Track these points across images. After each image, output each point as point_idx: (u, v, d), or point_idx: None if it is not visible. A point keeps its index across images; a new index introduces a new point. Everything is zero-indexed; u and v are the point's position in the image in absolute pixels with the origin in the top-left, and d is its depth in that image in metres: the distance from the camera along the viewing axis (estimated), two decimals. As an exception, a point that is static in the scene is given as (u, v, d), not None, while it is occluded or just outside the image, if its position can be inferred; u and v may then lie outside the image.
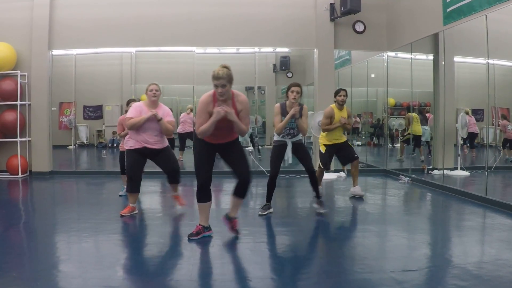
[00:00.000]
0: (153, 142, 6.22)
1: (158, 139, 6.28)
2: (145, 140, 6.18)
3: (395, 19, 10.51)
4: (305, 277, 4.02)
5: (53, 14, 10.38)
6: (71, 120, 12.74)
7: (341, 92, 7.58)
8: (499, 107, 8.45)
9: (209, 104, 4.88)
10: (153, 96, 6.31)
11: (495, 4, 6.85)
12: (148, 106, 6.28)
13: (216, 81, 4.79)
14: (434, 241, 5.31)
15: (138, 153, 6.24)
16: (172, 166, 6.53)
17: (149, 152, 6.27)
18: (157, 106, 6.36)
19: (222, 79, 4.78)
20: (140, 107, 6.24)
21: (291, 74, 15.21)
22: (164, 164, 6.48)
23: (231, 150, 5.12)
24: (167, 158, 6.46)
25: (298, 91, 6.27)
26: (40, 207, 7.58)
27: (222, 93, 4.80)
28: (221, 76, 4.78)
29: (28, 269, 4.13)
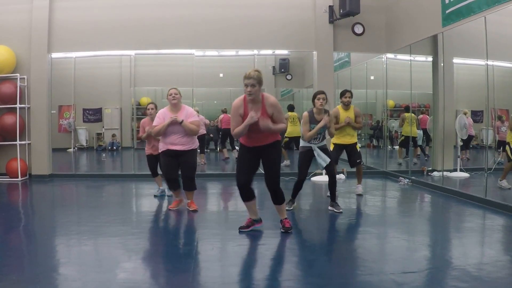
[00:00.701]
0: (177, 143, 6.53)
1: (183, 140, 6.56)
2: (172, 142, 6.54)
3: (394, 21, 10.52)
4: (304, 280, 4.02)
5: (52, 17, 10.39)
6: (70, 123, 12.73)
7: (346, 93, 7.86)
8: (498, 108, 8.45)
9: (240, 107, 5.18)
10: (172, 99, 6.62)
11: (494, 5, 6.86)
12: (171, 110, 6.62)
13: (247, 80, 5.07)
14: (434, 243, 5.31)
15: (167, 155, 6.63)
16: (187, 173, 6.71)
17: (174, 153, 6.57)
18: (180, 108, 6.67)
19: (252, 79, 5.05)
20: (163, 114, 6.63)
21: (291, 76, 15.19)
22: (182, 168, 6.71)
23: (266, 155, 5.37)
24: (186, 163, 6.68)
25: (324, 97, 6.64)
26: (40, 210, 7.58)
27: (251, 92, 5.06)
28: (252, 76, 5.06)
29: (27, 272, 4.13)
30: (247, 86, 5.06)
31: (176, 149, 6.52)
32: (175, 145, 6.52)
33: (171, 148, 6.53)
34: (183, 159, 6.61)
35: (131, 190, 9.40)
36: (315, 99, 6.65)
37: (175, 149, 6.52)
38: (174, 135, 6.50)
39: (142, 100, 16.38)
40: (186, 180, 6.73)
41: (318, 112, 6.66)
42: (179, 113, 6.55)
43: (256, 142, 5.27)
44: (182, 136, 6.52)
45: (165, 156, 6.65)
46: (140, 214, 7.16)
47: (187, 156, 6.63)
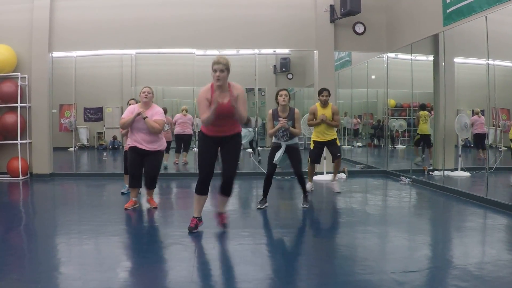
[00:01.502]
0: (144, 142, 6.62)
1: (149, 139, 6.64)
2: (137, 140, 6.63)
3: (395, 20, 10.51)
4: (305, 279, 4.02)
5: (53, 16, 10.39)
6: (71, 122, 12.74)
7: (324, 92, 8.07)
8: (499, 107, 8.44)
9: (207, 92, 5.17)
10: (144, 97, 6.71)
11: (495, 4, 6.85)
12: (141, 107, 6.70)
13: (216, 65, 5.09)
14: (434, 242, 5.31)
15: (134, 152, 6.71)
16: (151, 172, 6.82)
17: (140, 151, 6.65)
18: (150, 107, 6.74)
19: (221, 64, 5.09)
20: (133, 108, 6.70)
21: (291, 75, 15.21)
22: (146, 167, 6.78)
23: (229, 146, 5.31)
24: (151, 162, 6.78)
25: (287, 94, 6.79)
26: (41, 209, 7.58)
27: (219, 77, 5.07)
28: (220, 61, 5.11)
29: (28, 271, 4.13)
30: (216, 71, 5.06)
31: (142, 148, 6.61)
32: (141, 144, 6.61)
33: (138, 146, 6.62)
34: (148, 158, 6.72)
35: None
36: (278, 96, 6.85)
37: (141, 147, 6.61)
38: (141, 132, 6.58)
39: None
40: (148, 178, 6.83)
41: (282, 110, 6.84)
42: (148, 111, 6.65)
43: (220, 132, 5.23)
44: (148, 135, 6.60)
45: (131, 152, 6.75)
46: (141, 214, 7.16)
47: (152, 156, 6.73)
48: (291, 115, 6.78)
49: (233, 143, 5.35)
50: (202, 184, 5.32)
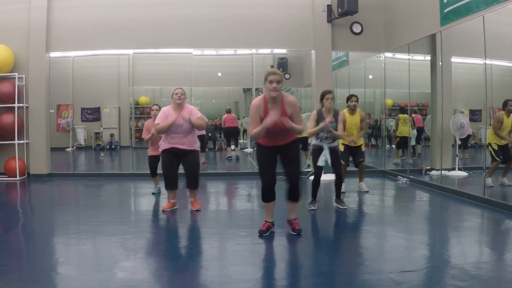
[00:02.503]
0: (182, 143, 6.58)
1: (187, 139, 6.60)
2: (175, 141, 6.56)
3: (392, 20, 10.52)
4: (303, 279, 4.03)
5: (51, 16, 10.38)
6: (69, 122, 12.73)
7: (352, 98, 8.01)
8: (497, 107, 8.46)
9: (260, 107, 5.05)
10: (178, 99, 6.61)
11: (492, 4, 6.87)
12: (174, 109, 6.63)
13: (272, 76, 4.92)
14: (432, 242, 5.32)
15: (170, 153, 6.63)
16: (193, 171, 6.73)
17: (178, 152, 6.59)
18: (183, 107, 6.64)
19: (278, 75, 4.94)
20: (167, 111, 6.62)
21: (289, 75, 15.20)
22: (187, 167, 6.71)
23: (287, 152, 5.28)
24: (191, 162, 6.71)
25: (333, 97, 6.75)
26: (39, 210, 7.57)
27: (276, 89, 4.93)
28: (277, 72, 4.97)
29: (26, 271, 4.13)
30: (272, 82, 4.91)
31: (180, 148, 6.56)
32: (179, 144, 6.56)
33: (176, 147, 6.55)
34: (187, 158, 6.65)
35: (130, 189, 9.39)
36: (324, 99, 6.77)
37: (179, 148, 6.56)
38: (177, 134, 6.53)
39: (140, 99, 16.42)
40: (190, 178, 6.75)
41: (327, 111, 6.78)
42: (182, 112, 6.57)
43: (276, 142, 5.19)
44: (186, 136, 6.56)
45: (166, 154, 6.66)
46: (139, 213, 7.16)
47: (190, 155, 6.67)
48: (335, 118, 6.75)
49: (292, 149, 5.32)
50: (267, 193, 5.35)
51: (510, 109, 8.06)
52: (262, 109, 5.04)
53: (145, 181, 9.91)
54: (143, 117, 16.55)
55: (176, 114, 6.54)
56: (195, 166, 6.75)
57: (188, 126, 6.54)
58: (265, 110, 5.02)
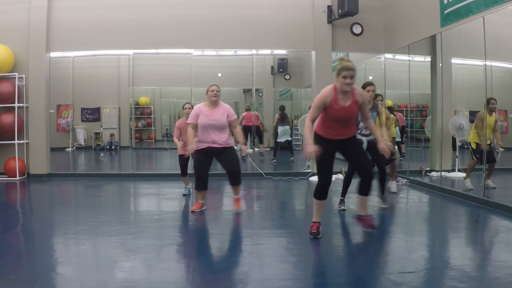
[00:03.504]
0: (218, 140, 6.45)
1: (222, 137, 6.47)
2: (210, 140, 6.42)
3: (392, 21, 10.52)
4: (302, 279, 4.02)
5: (51, 16, 10.38)
6: (69, 123, 12.73)
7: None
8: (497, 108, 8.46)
9: (329, 96, 4.95)
10: (213, 96, 6.51)
11: (492, 6, 6.87)
12: (208, 106, 6.53)
13: (347, 71, 4.87)
14: (432, 243, 5.32)
15: (204, 153, 6.49)
16: (235, 166, 6.60)
17: (214, 151, 6.48)
18: (217, 105, 6.56)
19: (353, 71, 4.89)
20: (199, 109, 6.50)
21: (289, 76, 15.22)
22: (226, 164, 6.59)
23: (350, 146, 5.19)
24: (230, 158, 6.57)
25: (374, 89, 6.69)
26: (38, 210, 7.57)
27: (350, 84, 4.88)
28: (352, 67, 4.90)
29: (26, 271, 4.12)
30: (346, 78, 4.85)
31: (217, 146, 6.44)
32: (215, 143, 6.44)
33: (212, 146, 6.44)
34: (224, 155, 6.53)
35: (129, 189, 9.39)
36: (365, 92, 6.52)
37: (216, 146, 6.44)
38: (213, 133, 6.41)
39: (140, 99, 16.44)
40: (232, 174, 6.60)
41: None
42: (216, 110, 6.48)
43: (338, 135, 5.08)
44: (221, 133, 6.45)
45: (200, 153, 6.52)
46: (138, 214, 7.16)
47: (227, 152, 6.54)
48: (374, 108, 6.70)
49: (356, 142, 5.28)
50: (323, 190, 5.18)
51: (492, 107, 8.03)
52: (330, 98, 4.94)
53: (145, 181, 9.92)
54: (143, 118, 16.59)
55: (210, 111, 6.45)
56: (235, 162, 6.62)
57: (223, 123, 6.44)
58: (334, 99, 4.94)
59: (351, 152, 5.22)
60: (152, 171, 12.87)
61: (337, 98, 4.94)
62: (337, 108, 4.91)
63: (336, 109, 4.91)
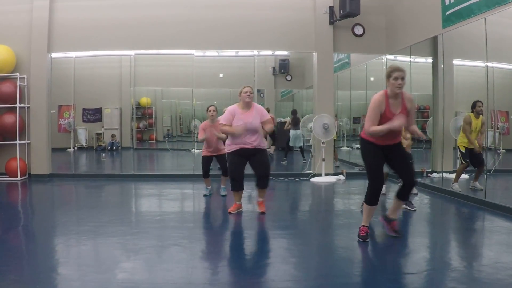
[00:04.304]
0: (251, 142, 6.43)
1: (255, 138, 6.46)
2: (243, 141, 6.40)
3: (394, 22, 10.52)
4: (303, 280, 4.02)
5: (53, 17, 10.39)
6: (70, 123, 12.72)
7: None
8: (498, 110, 8.44)
9: (382, 104, 4.95)
10: (247, 97, 6.49)
11: (494, 7, 6.86)
12: (242, 107, 6.52)
13: (398, 72, 4.88)
14: (433, 244, 5.31)
15: (237, 154, 6.49)
16: (265, 169, 6.58)
17: (247, 152, 6.46)
18: (251, 106, 6.55)
19: (403, 72, 4.89)
20: (233, 110, 6.49)
21: (290, 77, 15.22)
22: (257, 167, 6.57)
23: (397, 152, 5.20)
24: (261, 161, 6.56)
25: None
26: (39, 210, 7.57)
27: (401, 85, 4.88)
28: (402, 69, 4.90)
29: (27, 272, 4.12)
30: (397, 79, 4.85)
31: (250, 147, 6.42)
32: (249, 144, 6.41)
33: (245, 147, 6.42)
34: (257, 157, 6.52)
35: (131, 190, 9.39)
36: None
37: (249, 147, 6.43)
38: (247, 134, 6.38)
39: (141, 100, 16.44)
40: (261, 177, 6.57)
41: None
42: (250, 112, 6.47)
43: (390, 140, 5.08)
44: (254, 134, 6.43)
45: (235, 155, 6.51)
46: (139, 214, 7.16)
47: (260, 154, 6.54)
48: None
49: (402, 148, 5.28)
50: (375, 196, 5.19)
51: (479, 110, 8.04)
52: (384, 106, 4.94)
53: (146, 182, 9.93)
54: (144, 118, 16.60)
55: (244, 113, 6.44)
56: (266, 166, 6.61)
57: (257, 125, 6.43)
58: (386, 106, 4.94)
59: (398, 159, 5.20)
60: (154, 171, 12.89)
61: (389, 105, 4.95)
62: (390, 116, 4.93)
63: (388, 117, 4.93)
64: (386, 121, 4.91)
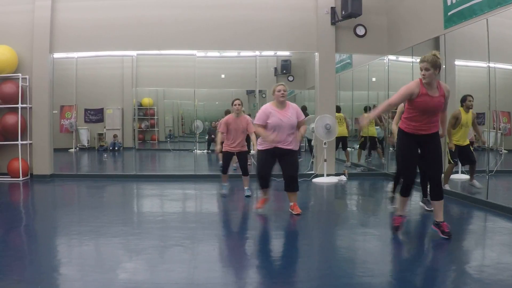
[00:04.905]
0: (285, 142, 6.35)
1: (290, 139, 6.39)
2: (278, 140, 6.31)
3: (396, 22, 10.52)
4: (306, 281, 4.02)
5: (55, 17, 10.40)
6: (72, 123, 12.75)
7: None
8: (500, 110, 8.44)
9: (416, 86, 4.97)
10: (281, 96, 6.40)
11: (496, 7, 6.85)
12: (276, 106, 6.43)
13: (421, 63, 4.92)
14: (434, 245, 5.30)
15: (269, 153, 6.41)
16: (291, 172, 6.49)
17: (278, 152, 6.39)
18: (286, 105, 6.46)
19: (426, 62, 4.88)
20: (268, 110, 6.42)
21: (292, 77, 15.20)
22: (285, 168, 6.50)
23: (432, 144, 5.14)
24: (290, 163, 6.47)
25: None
26: (41, 210, 7.58)
27: (425, 75, 4.90)
28: (426, 59, 4.89)
29: (29, 272, 4.14)
30: (422, 70, 4.91)
31: (283, 147, 6.35)
32: (282, 143, 6.34)
33: (279, 146, 6.33)
34: (287, 158, 6.44)
35: (132, 190, 9.40)
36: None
37: (281, 147, 6.35)
38: (282, 133, 6.31)
39: (143, 100, 16.46)
40: (290, 179, 6.50)
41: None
42: (286, 110, 6.39)
43: (422, 129, 5.03)
44: (289, 135, 6.37)
45: (266, 154, 6.44)
46: (141, 215, 7.16)
47: (291, 155, 6.46)
48: None
49: (436, 141, 5.17)
50: (408, 188, 5.18)
51: (469, 104, 7.98)
52: (418, 90, 4.94)
53: (148, 182, 9.93)
54: (146, 119, 16.61)
55: (280, 111, 6.37)
56: (295, 167, 6.52)
57: (292, 125, 6.36)
58: (422, 90, 4.94)
59: (430, 151, 5.15)
60: (155, 172, 12.89)
61: (424, 88, 4.95)
62: (427, 98, 4.92)
63: (425, 99, 4.92)
64: (422, 103, 4.92)
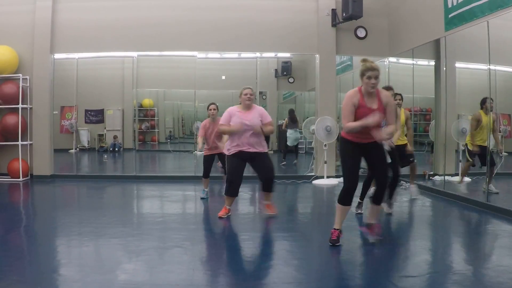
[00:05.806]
0: (252, 144, 6.25)
1: (257, 141, 6.28)
2: (244, 143, 6.22)
3: (396, 24, 10.52)
4: (305, 282, 4.01)
5: (55, 18, 10.40)
6: (72, 124, 12.76)
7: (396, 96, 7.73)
8: (500, 113, 8.44)
9: (354, 97, 4.89)
10: (247, 99, 6.32)
11: (497, 10, 6.85)
12: (242, 108, 6.36)
13: (371, 72, 4.81)
14: (434, 247, 5.30)
15: (237, 157, 6.28)
16: (269, 173, 6.41)
17: (247, 155, 6.28)
18: (251, 108, 6.38)
19: (377, 71, 4.82)
20: (232, 111, 6.33)
21: (293, 79, 15.23)
22: (260, 171, 6.40)
23: (375, 151, 5.09)
24: (265, 164, 6.37)
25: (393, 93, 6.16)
26: (41, 211, 7.58)
27: (375, 85, 4.83)
28: (376, 67, 4.82)
29: (28, 272, 4.13)
30: (371, 78, 4.78)
31: (251, 151, 6.24)
32: (249, 147, 6.23)
33: (244, 150, 6.23)
34: (258, 161, 6.33)
35: (133, 191, 9.40)
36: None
37: (248, 151, 6.23)
38: (247, 136, 6.20)
39: (144, 101, 16.48)
40: (266, 181, 6.39)
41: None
42: (249, 113, 6.28)
43: (364, 139, 4.95)
44: (256, 137, 6.25)
45: (235, 158, 6.29)
46: (141, 216, 7.16)
47: (262, 157, 6.35)
48: None
49: (381, 147, 5.13)
50: (348, 195, 5.04)
51: (488, 106, 7.98)
52: (356, 99, 4.87)
53: (148, 183, 9.93)
54: (147, 120, 16.62)
55: (243, 113, 6.27)
56: (269, 169, 6.41)
57: (256, 124, 6.21)
58: (361, 101, 4.87)
59: (374, 157, 5.11)
60: (156, 173, 12.90)
61: (364, 100, 4.89)
62: (365, 109, 4.84)
63: (363, 110, 4.84)
64: (363, 117, 4.81)
